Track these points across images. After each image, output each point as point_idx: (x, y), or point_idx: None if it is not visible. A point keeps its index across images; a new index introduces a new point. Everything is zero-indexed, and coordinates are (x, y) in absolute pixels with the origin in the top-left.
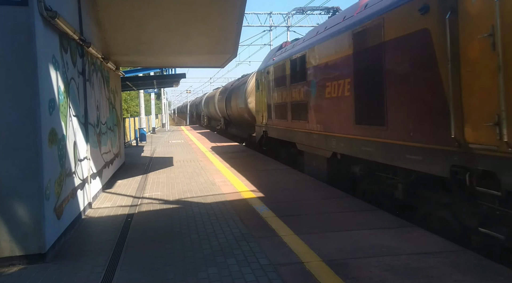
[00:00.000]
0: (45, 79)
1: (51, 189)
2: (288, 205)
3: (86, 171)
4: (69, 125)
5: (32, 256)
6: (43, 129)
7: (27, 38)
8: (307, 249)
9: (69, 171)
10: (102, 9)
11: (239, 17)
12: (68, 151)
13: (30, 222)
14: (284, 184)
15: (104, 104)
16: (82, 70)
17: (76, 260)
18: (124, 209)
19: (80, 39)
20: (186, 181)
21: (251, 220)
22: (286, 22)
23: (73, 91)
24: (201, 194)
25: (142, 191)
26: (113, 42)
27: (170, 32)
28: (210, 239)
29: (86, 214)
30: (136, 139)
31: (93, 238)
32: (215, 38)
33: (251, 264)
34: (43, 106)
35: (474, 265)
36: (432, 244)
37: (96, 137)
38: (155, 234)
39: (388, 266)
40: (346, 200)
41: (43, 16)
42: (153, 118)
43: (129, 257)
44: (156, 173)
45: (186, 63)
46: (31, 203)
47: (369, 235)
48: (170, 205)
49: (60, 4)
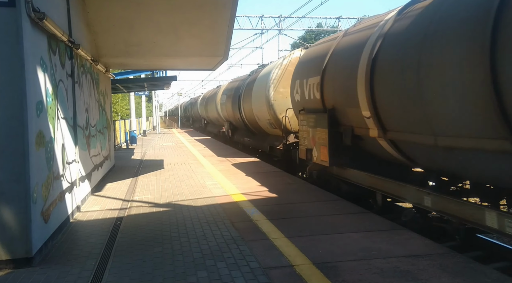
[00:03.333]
0: (32, 81)
1: (38, 192)
2: (279, 208)
3: (75, 174)
4: (57, 127)
5: (19, 260)
6: (30, 132)
7: (14, 39)
8: (298, 252)
9: (57, 174)
10: (92, 11)
11: (230, 19)
12: (56, 153)
13: (16, 225)
14: (276, 186)
15: (94, 106)
16: (71, 72)
17: (64, 264)
18: (113, 212)
19: (69, 40)
20: (177, 184)
21: (242, 223)
22: (278, 26)
23: (61, 94)
24: (191, 197)
25: (131, 194)
26: (103, 44)
27: (161, 34)
28: (200, 242)
29: (74, 217)
30: (126, 142)
31: (81, 241)
32: (206, 40)
33: (241, 267)
34: (30, 108)
35: (462, 267)
36: (421, 247)
37: (85, 140)
38: (145, 238)
39: (378, 269)
40: (337, 202)
41: (31, 18)
42: (144, 120)
43: (117, 261)
44: (146, 175)
45: (177, 65)
46: (18, 207)
47: (360, 237)
48: (160, 208)
49: (49, 6)
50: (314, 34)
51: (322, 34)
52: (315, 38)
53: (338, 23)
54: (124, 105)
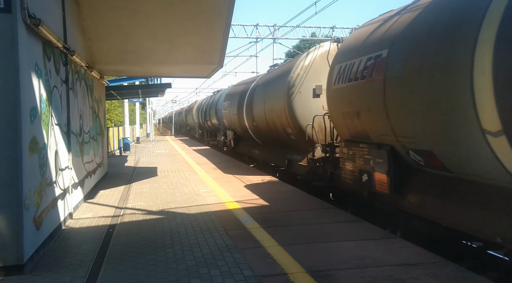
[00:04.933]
0: (27, 87)
1: (30, 198)
2: (273, 216)
3: (68, 181)
4: (51, 134)
5: (10, 268)
6: (24, 138)
7: (9, 45)
8: (291, 260)
9: (49, 180)
10: (87, 18)
11: (226, 28)
12: (49, 160)
13: (8, 232)
14: (270, 194)
15: (88, 113)
16: (66, 79)
17: (55, 272)
18: (106, 219)
19: (64, 47)
20: (170, 191)
21: (236, 231)
22: (273, 34)
23: (55, 100)
24: (185, 204)
25: (124, 201)
26: (98, 51)
27: (156, 42)
28: (194, 250)
29: (66, 224)
30: (119, 149)
31: (73, 249)
32: (202, 48)
33: (234, 275)
34: (24, 114)
35: (455, 276)
36: (415, 256)
37: (79, 147)
38: (137, 245)
39: (372, 277)
40: (331, 211)
41: (27, 24)
42: (138, 128)
43: (110, 268)
44: (139, 183)
45: (172, 73)
46: (9, 213)
47: (354, 246)
48: (153, 215)
49: (44, 12)
50: (308, 44)
51: (316, 43)
52: (309, 47)
53: (332, 32)
54: (118, 113)
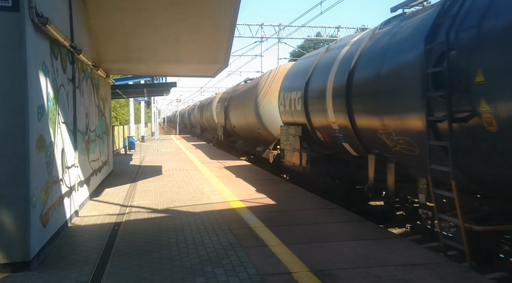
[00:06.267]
0: (34, 85)
1: (37, 196)
2: (277, 215)
3: (74, 179)
4: (58, 132)
5: (17, 264)
6: (31, 136)
7: (17, 43)
8: (295, 259)
9: (56, 178)
10: (94, 17)
11: (231, 27)
12: (56, 158)
13: (15, 229)
14: (274, 194)
15: (94, 111)
16: (72, 77)
17: (61, 269)
18: (111, 217)
19: (70, 46)
20: (175, 190)
21: (240, 230)
22: (278, 34)
23: (62, 98)
24: (190, 203)
25: (130, 199)
26: (104, 49)
27: (162, 41)
28: (198, 248)
29: (72, 222)
30: (125, 148)
31: (79, 246)
32: (207, 47)
33: (239, 274)
34: (31, 112)
35: (459, 277)
36: (419, 256)
37: (85, 145)
38: (142, 243)
39: (375, 277)
40: (335, 210)
41: (34, 22)
42: (143, 126)
43: (115, 266)
44: (144, 181)
45: (177, 72)
46: (17, 210)
47: (358, 246)
48: (158, 214)
49: (52, 11)
50: (313, 43)
51: (321, 43)
52: (314, 47)
53: (337, 32)
54: (124, 113)
